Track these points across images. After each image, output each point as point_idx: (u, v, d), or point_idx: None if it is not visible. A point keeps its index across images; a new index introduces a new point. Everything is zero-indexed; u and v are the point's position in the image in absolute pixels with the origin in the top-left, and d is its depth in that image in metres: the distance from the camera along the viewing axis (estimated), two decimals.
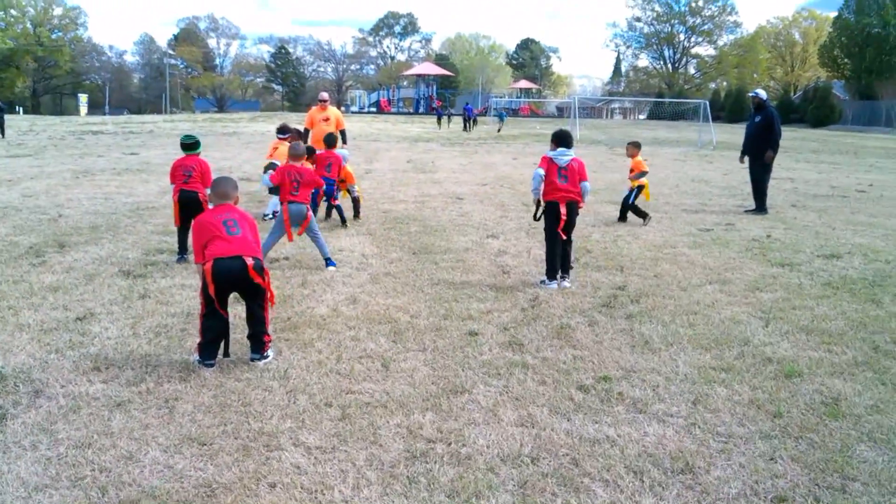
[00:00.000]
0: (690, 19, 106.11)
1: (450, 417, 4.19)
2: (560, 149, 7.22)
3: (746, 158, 12.70)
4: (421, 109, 78.88)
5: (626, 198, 11.13)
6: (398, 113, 76.72)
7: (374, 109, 79.91)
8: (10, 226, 9.76)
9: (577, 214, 7.29)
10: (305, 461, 3.67)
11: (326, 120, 12.44)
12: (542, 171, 7.11)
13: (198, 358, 4.94)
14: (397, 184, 15.86)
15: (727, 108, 75.47)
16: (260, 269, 4.95)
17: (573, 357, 5.19)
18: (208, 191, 7.05)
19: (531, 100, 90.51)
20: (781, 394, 4.58)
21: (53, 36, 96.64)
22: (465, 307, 6.37)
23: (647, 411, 4.33)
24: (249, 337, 5.08)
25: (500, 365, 5.01)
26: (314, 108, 12.96)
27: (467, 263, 8.08)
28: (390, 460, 3.70)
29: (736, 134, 37.57)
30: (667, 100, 72.54)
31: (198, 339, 4.99)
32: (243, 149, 25.63)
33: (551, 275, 7.20)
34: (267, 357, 5.05)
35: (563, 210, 7.05)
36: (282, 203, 7.78)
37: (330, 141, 10.67)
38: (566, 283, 7.20)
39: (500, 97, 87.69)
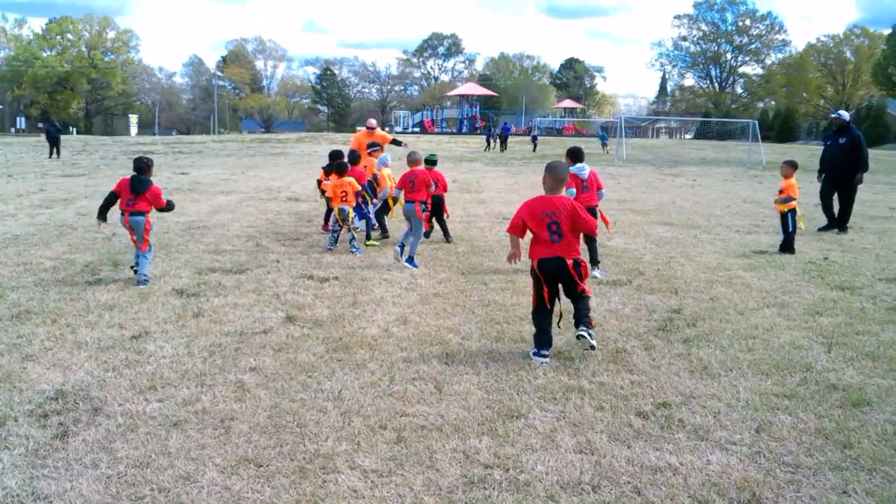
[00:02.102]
0: (738, 38, 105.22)
1: (506, 443, 4.12)
2: (578, 164, 8.62)
3: (824, 177, 13.03)
4: (464, 129, 79.14)
5: (784, 225, 10.11)
6: (441, 133, 77.07)
7: (417, 129, 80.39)
8: (67, 244, 9.97)
9: (596, 215, 8.36)
10: (362, 485, 3.63)
11: None
12: (574, 191, 8.22)
13: (534, 350, 5.59)
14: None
15: (776, 128, 74.34)
16: (577, 266, 5.60)
17: (630, 382, 5.08)
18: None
19: (576, 119, 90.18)
20: (850, 423, 4.41)
21: (106, 58, 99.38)
22: (518, 329, 6.30)
23: (709, 439, 4.21)
24: (575, 317, 5.63)
25: (556, 389, 4.92)
26: (361, 132, 13.13)
27: (517, 285, 8.00)
28: (448, 485, 3.64)
29: (785, 154, 36.94)
30: (714, 119, 71.79)
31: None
32: (291, 169, 25.95)
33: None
34: (591, 335, 5.50)
35: None
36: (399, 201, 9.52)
37: (351, 158, 11.09)
38: (596, 273, 8.45)
39: (544, 116, 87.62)
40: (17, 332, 5.98)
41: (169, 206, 8.24)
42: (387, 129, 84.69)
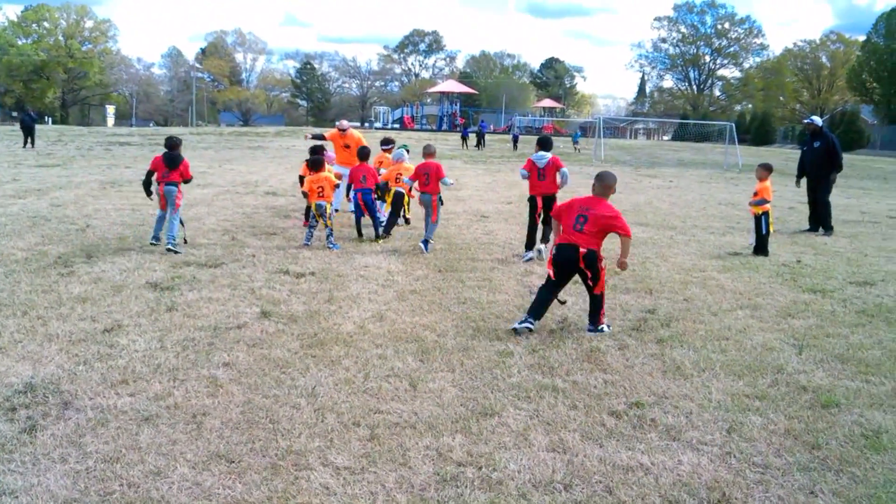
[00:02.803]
0: (716, 41, 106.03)
1: (479, 440, 4.13)
2: (540, 152, 9.29)
3: (803, 182, 13.38)
4: (444, 127, 79.08)
5: (758, 227, 10.21)
6: (421, 129, 76.91)
7: (397, 126, 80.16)
8: (40, 235, 9.84)
9: (555, 202, 8.74)
10: (334, 482, 3.62)
11: (347, 147, 12.61)
12: (525, 173, 9.36)
13: (523, 318, 6.17)
14: None
15: (752, 131, 74.99)
16: (591, 258, 6.13)
17: (604, 381, 5.11)
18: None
19: (555, 119, 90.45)
20: (819, 424, 4.47)
21: (84, 48, 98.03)
22: (493, 327, 6.31)
23: (680, 439, 4.24)
24: (589, 315, 6.32)
25: (530, 387, 4.94)
26: (334, 132, 13.13)
27: (494, 283, 8.02)
28: (420, 483, 3.64)
29: (761, 157, 37.32)
30: (692, 121, 72.23)
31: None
32: (269, 163, 25.78)
33: (529, 247, 9.52)
34: (602, 330, 6.21)
35: (539, 202, 9.26)
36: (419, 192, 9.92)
37: (363, 154, 11.02)
38: (541, 247, 9.44)
39: (524, 115, 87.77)
40: None
41: (190, 179, 9.72)
42: (366, 124, 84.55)
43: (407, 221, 11.91)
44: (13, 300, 6.61)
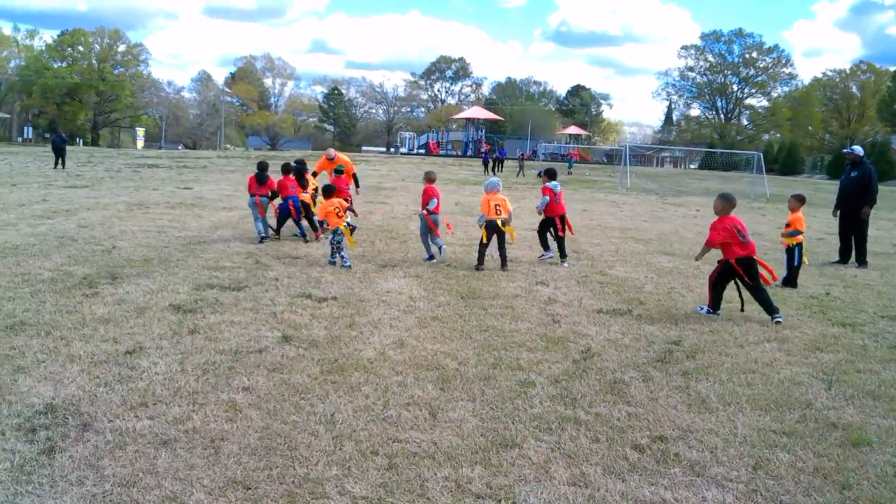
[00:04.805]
0: (744, 70, 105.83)
1: (499, 473, 4.05)
2: (553, 182, 11.58)
3: (840, 212, 13.00)
4: (469, 153, 79.37)
5: (790, 259, 10.16)
6: (446, 155, 77.27)
7: (422, 151, 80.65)
8: (66, 256, 9.94)
9: (564, 221, 11.29)
10: None
11: (339, 172, 13.68)
12: (548, 199, 11.33)
13: (707, 308, 8.17)
14: (444, 226, 15.80)
15: (780, 161, 74.49)
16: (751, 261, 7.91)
17: (627, 414, 5.01)
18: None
19: (580, 146, 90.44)
20: (849, 463, 4.34)
21: (116, 71, 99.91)
22: (515, 356, 6.24)
23: (704, 475, 4.14)
24: (765, 311, 7.90)
25: (552, 419, 4.86)
26: (323, 158, 15.28)
27: (516, 310, 7.96)
28: None
29: (789, 187, 36.99)
30: (719, 150, 72.01)
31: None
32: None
33: (545, 248, 11.70)
34: (780, 320, 7.75)
35: (558, 221, 11.22)
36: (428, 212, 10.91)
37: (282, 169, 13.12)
38: (566, 265, 11.05)
39: (549, 143, 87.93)
40: (11, 343, 5.93)
41: (274, 195, 12.47)
42: (391, 149, 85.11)
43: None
44: (38, 320, 6.66)
